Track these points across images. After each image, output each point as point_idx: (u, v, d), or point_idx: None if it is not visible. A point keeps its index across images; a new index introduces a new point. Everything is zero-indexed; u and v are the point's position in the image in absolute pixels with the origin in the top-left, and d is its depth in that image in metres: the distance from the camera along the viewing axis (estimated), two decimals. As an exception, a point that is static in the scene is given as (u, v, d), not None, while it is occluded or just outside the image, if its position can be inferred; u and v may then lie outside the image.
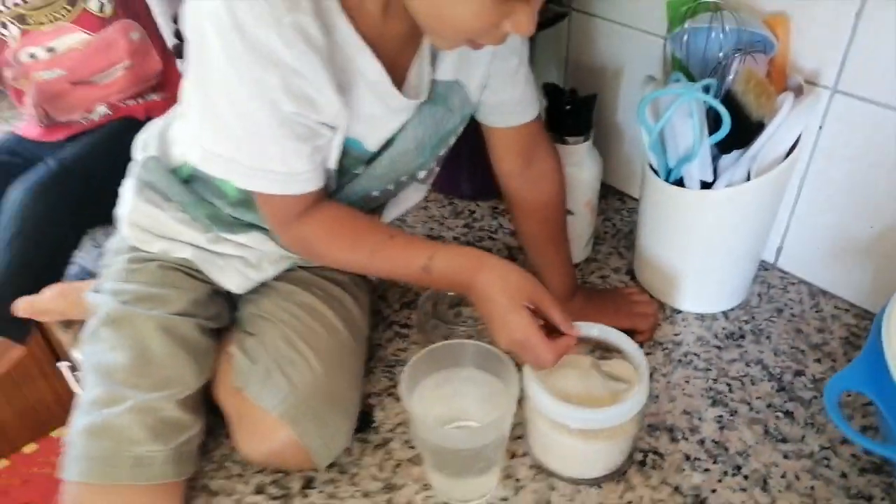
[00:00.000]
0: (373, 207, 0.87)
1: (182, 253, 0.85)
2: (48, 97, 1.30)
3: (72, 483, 0.72)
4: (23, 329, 1.06)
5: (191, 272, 0.86)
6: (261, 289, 0.89)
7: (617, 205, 1.24)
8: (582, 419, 0.72)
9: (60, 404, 2.06)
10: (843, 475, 0.77)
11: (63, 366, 1.15)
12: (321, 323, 0.84)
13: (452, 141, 0.87)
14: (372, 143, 0.78)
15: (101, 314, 0.80)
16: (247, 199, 0.80)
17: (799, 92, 0.86)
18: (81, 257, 1.15)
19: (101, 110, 1.32)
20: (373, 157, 0.80)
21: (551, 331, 0.73)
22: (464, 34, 0.65)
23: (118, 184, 0.92)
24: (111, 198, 0.93)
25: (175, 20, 1.66)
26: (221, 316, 0.87)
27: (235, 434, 0.79)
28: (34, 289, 1.01)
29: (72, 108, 1.31)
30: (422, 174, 0.88)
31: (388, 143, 0.80)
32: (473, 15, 0.61)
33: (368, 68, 0.71)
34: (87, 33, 1.27)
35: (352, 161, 0.78)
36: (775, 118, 0.82)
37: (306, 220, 0.76)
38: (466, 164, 1.18)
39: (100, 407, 0.74)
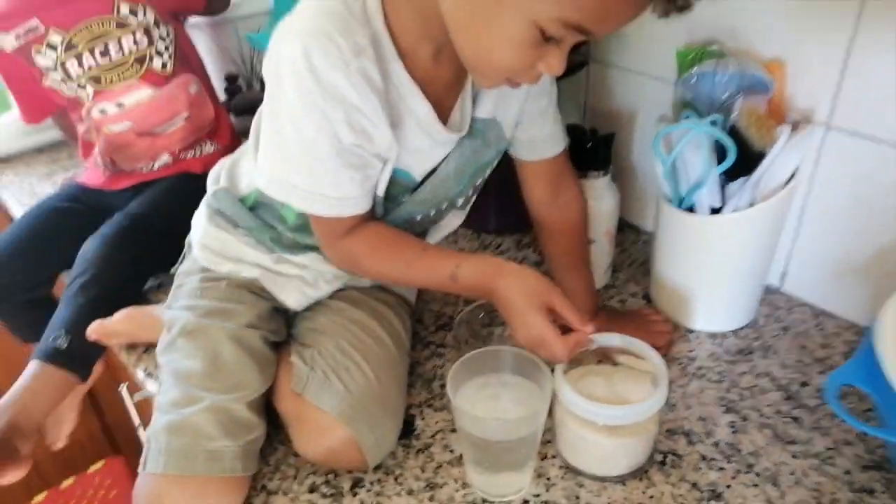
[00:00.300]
0: (417, 232, 0.92)
1: (250, 273, 0.92)
2: (115, 148, 1.37)
3: (149, 475, 0.77)
4: (88, 367, 1.12)
5: (255, 290, 0.92)
6: (315, 307, 0.96)
7: (632, 237, 1.29)
8: (607, 415, 0.77)
9: (93, 442, 2.10)
10: (847, 472, 0.81)
11: (122, 387, 1.22)
12: (370, 336, 0.89)
13: (488, 172, 0.94)
14: (418, 173, 0.85)
15: (178, 327, 0.87)
16: (304, 224, 0.87)
17: (796, 127, 0.91)
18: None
19: (164, 159, 1.39)
20: (417, 186, 0.87)
21: (568, 332, 0.77)
22: (504, 73, 0.70)
23: (178, 236, 1.02)
24: (172, 247, 1.04)
25: (227, 79, 1.78)
26: (280, 331, 0.93)
27: (295, 435, 0.85)
28: None
29: (137, 158, 1.38)
30: (460, 201, 0.94)
31: (431, 173, 0.86)
32: (513, 56, 0.67)
33: (418, 107, 0.78)
34: (153, 89, 1.35)
35: (399, 189, 0.85)
36: (773, 147, 0.88)
37: (352, 237, 0.82)
38: (493, 202, 1.24)
39: (178, 407, 0.80)
